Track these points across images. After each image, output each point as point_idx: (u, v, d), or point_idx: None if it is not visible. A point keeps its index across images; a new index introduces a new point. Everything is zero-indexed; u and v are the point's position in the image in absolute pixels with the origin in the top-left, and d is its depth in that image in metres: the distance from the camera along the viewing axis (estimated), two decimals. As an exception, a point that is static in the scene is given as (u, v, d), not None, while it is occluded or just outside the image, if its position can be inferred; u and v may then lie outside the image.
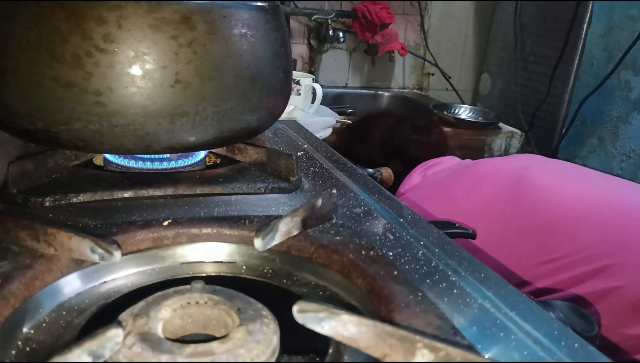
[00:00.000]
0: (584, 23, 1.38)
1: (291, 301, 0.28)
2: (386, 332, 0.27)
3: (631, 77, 1.34)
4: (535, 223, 0.76)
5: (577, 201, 0.75)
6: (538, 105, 1.49)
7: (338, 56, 1.82)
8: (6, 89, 0.45)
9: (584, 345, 0.33)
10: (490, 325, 0.34)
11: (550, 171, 0.83)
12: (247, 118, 0.52)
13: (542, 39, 1.53)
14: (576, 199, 0.76)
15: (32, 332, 0.32)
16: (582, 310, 0.48)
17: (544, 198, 0.77)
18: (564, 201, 0.76)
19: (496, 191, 0.82)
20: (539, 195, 0.78)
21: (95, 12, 0.43)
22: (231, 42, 0.48)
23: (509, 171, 0.84)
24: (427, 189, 0.96)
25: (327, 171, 0.62)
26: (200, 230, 0.42)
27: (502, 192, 0.81)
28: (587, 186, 0.79)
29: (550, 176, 0.81)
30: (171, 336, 0.30)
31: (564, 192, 0.77)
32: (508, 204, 0.79)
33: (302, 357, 0.31)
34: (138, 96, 0.45)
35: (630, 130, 1.36)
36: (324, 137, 1.26)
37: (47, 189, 0.48)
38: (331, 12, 1.66)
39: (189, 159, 0.58)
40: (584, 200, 0.76)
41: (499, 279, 0.40)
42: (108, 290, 0.37)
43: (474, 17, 1.90)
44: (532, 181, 0.79)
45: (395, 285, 0.34)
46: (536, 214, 0.76)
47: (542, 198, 0.77)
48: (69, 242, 0.35)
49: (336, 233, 0.42)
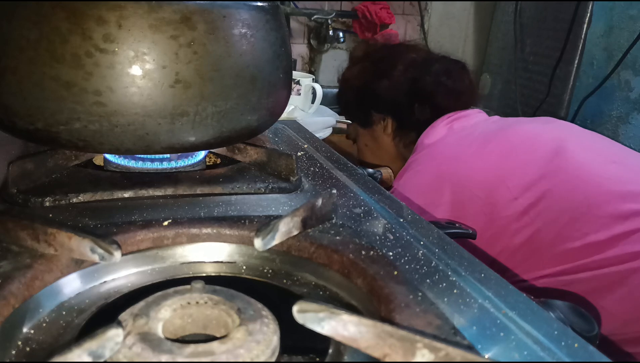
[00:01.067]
0: (584, 23, 1.38)
1: (291, 301, 0.28)
2: (386, 332, 0.27)
3: (631, 77, 1.34)
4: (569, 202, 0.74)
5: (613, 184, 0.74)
6: (538, 105, 1.49)
7: (338, 56, 1.82)
8: (6, 89, 0.45)
9: (584, 345, 0.33)
10: (490, 325, 0.34)
11: (586, 147, 0.81)
12: (247, 118, 0.52)
13: (542, 39, 1.53)
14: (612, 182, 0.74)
15: (32, 332, 0.32)
16: (582, 310, 0.48)
17: (581, 176, 0.76)
18: (600, 184, 0.74)
19: (532, 160, 0.80)
20: (576, 173, 0.76)
21: (95, 12, 0.43)
22: (231, 42, 0.48)
23: (546, 140, 0.82)
24: (455, 144, 0.89)
25: (327, 171, 0.62)
26: (200, 230, 0.42)
27: (538, 161, 0.79)
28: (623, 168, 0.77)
29: (587, 153, 0.79)
30: (171, 336, 0.30)
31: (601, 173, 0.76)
32: (544, 176, 0.77)
33: (302, 357, 0.31)
34: (138, 96, 0.45)
35: (630, 130, 1.36)
36: (324, 137, 1.26)
37: (47, 189, 0.48)
38: (331, 12, 1.66)
39: (189, 159, 0.58)
40: (619, 182, 0.74)
41: (499, 279, 0.40)
42: (108, 290, 0.37)
43: (474, 17, 1.90)
44: (570, 158, 0.78)
45: (395, 285, 0.34)
46: (571, 193, 0.75)
47: (579, 176, 0.76)
48: (69, 242, 0.35)
49: (336, 233, 0.42)
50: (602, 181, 0.75)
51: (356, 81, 1.06)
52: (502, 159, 0.82)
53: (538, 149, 0.81)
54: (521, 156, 0.81)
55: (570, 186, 0.76)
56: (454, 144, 0.89)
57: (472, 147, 0.86)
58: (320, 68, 1.81)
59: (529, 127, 0.87)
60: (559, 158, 0.78)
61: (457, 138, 0.90)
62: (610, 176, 0.76)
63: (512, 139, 0.84)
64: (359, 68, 1.07)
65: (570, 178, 0.76)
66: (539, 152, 0.80)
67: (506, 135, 0.85)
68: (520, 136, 0.85)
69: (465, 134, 0.91)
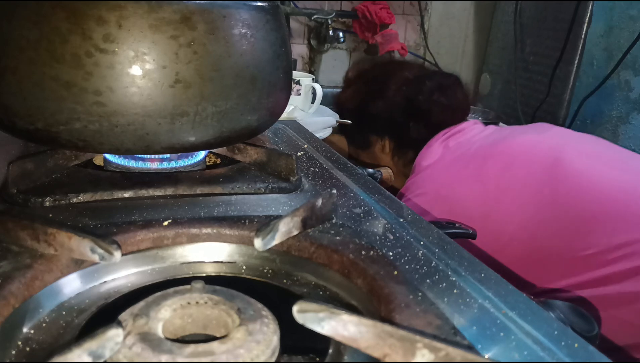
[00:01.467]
0: (584, 23, 1.38)
1: (291, 301, 0.28)
2: (386, 332, 0.27)
3: (631, 77, 1.34)
4: (573, 211, 0.73)
5: (616, 192, 0.73)
6: (538, 105, 1.49)
7: (338, 56, 1.82)
8: (6, 89, 0.45)
9: (584, 345, 0.33)
10: (490, 325, 0.34)
11: (585, 154, 0.80)
12: (247, 118, 0.52)
13: (542, 39, 1.53)
14: (615, 190, 0.73)
15: (32, 332, 0.32)
16: (582, 310, 0.48)
17: (583, 185, 0.74)
18: (602, 191, 0.73)
19: (530, 173, 0.79)
20: (577, 181, 0.75)
21: (95, 12, 0.43)
22: (231, 42, 0.48)
23: (544, 150, 0.81)
24: (452, 166, 0.89)
25: (327, 171, 0.62)
26: (200, 230, 0.42)
27: (537, 174, 0.78)
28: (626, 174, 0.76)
29: (586, 160, 0.78)
30: (171, 336, 0.30)
31: (602, 180, 0.74)
32: (544, 188, 0.77)
33: (302, 357, 0.31)
34: (138, 96, 0.45)
35: (630, 130, 1.36)
36: (324, 137, 1.26)
37: (47, 189, 0.48)
38: (331, 12, 1.66)
39: (189, 159, 0.58)
40: (622, 190, 0.73)
41: (499, 279, 0.40)
42: (108, 290, 0.37)
43: (474, 17, 1.90)
44: (568, 166, 0.77)
45: (395, 285, 0.34)
46: (574, 202, 0.74)
47: (581, 184, 0.75)
48: (69, 242, 0.35)
49: (336, 233, 0.42)
50: (603, 189, 0.74)
51: (350, 104, 1.07)
52: (500, 177, 0.82)
53: (536, 162, 0.80)
54: (520, 170, 0.81)
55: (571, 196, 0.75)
56: (450, 167, 0.89)
57: (469, 168, 0.86)
58: (320, 68, 1.81)
59: (524, 139, 0.86)
60: (557, 168, 0.77)
61: (453, 158, 0.90)
62: (612, 182, 0.74)
63: (509, 153, 0.83)
64: (352, 90, 1.08)
65: (571, 188, 0.75)
66: (537, 164, 0.80)
67: (502, 151, 0.85)
68: (516, 150, 0.84)
69: (461, 153, 0.90)
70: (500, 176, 0.81)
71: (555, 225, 0.75)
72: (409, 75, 1.02)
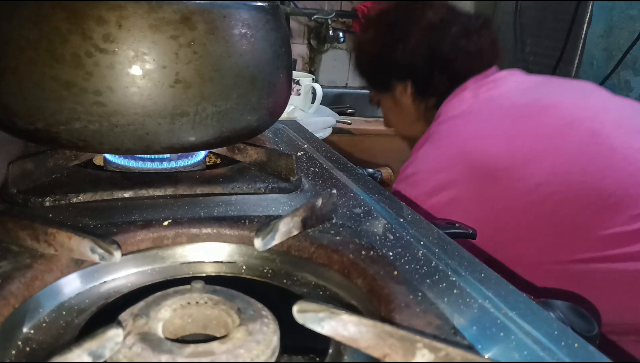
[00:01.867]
0: (584, 23, 1.38)
1: (291, 301, 0.28)
2: (386, 332, 0.27)
3: (631, 77, 1.35)
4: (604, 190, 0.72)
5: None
6: (538, 105, 1.49)
7: (338, 56, 1.82)
8: (6, 89, 0.45)
9: (584, 345, 0.33)
10: (490, 325, 0.34)
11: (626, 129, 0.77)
12: (247, 118, 0.52)
13: (542, 39, 1.53)
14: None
15: (32, 332, 0.32)
16: (582, 310, 0.48)
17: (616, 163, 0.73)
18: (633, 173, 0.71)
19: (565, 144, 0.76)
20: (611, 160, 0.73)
21: (95, 12, 0.43)
22: (231, 42, 0.48)
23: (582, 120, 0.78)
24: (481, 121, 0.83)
25: (327, 171, 0.62)
26: (200, 230, 0.42)
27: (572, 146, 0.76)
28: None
29: (625, 137, 0.76)
30: (171, 336, 0.30)
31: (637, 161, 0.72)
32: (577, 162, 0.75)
33: (302, 357, 0.31)
34: (138, 95, 0.45)
35: (630, 130, 1.36)
36: (324, 137, 1.26)
37: (47, 189, 0.48)
38: (331, 12, 1.66)
39: (189, 159, 0.58)
40: None
41: (499, 279, 0.40)
42: (108, 290, 0.37)
43: (474, 17, 1.90)
44: (605, 142, 0.75)
45: (395, 285, 0.34)
46: (604, 180, 0.72)
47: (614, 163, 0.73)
48: (69, 242, 0.35)
49: (336, 233, 0.42)
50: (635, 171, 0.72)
51: (371, 47, 1.01)
52: (532, 142, 0.78)
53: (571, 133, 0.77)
54: (553, 140, 0.77)
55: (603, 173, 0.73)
56: (480, 121, 0.83)
57: (501, 126, 0.81)
58: (320, 68, 1.81)
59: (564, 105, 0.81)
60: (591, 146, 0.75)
61: (484, 113, 0.84)
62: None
63: (545, 118, 0.79)
64: (373, 33, 1.01)
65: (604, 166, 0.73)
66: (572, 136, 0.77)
67: (538, 113, 0.80)
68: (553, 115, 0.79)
69: (493, 108, 0.84)
70: (533, 141, 0.78)
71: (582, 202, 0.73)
72: (434, 17, 0.94)
